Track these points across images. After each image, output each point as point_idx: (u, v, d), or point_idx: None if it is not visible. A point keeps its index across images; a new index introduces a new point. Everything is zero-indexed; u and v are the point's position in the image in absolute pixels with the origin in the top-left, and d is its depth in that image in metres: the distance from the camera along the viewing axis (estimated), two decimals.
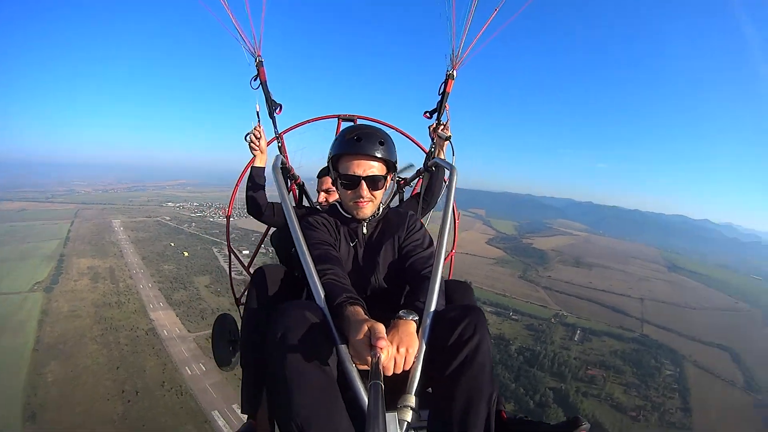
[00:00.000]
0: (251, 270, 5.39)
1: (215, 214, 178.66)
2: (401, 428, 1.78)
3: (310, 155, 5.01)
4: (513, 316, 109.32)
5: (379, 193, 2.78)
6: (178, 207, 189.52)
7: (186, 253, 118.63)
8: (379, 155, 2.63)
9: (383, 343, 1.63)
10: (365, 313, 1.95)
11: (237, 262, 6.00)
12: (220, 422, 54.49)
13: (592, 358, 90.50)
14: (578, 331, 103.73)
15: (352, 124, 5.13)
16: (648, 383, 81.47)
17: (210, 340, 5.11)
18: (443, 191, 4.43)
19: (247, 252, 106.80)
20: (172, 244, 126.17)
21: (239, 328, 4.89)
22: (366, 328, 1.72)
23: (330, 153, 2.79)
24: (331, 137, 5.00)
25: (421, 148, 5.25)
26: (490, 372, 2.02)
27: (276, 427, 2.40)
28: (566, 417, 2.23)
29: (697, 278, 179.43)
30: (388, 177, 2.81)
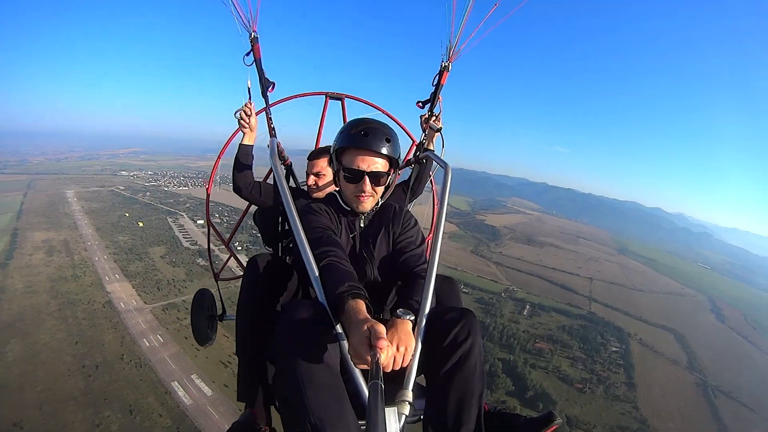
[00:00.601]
0: (246, 258, 5.02)
1: (170, 183, 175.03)
2: (400, 421, 1.95)
3: (290, 131, 4.97)
4: (464, 290, 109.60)
5: (380, 189, 2.82)
6: (132, 176, 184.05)
7: (141, 224, 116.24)
8: (384, 152, 2.65)
9: (383, 344, 1.67)
10: (366, 308, 1.99)
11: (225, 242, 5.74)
12: (180, 393, 54.97)
13: (540, 332, 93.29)
14: (527, 306, 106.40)
15: (342, 102, 5.36)
16: (594, 358, 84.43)
17: (189, 316, 5.02)
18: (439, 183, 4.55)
19: (202, 222, 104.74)
20: (127, 215, 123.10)
21: (216, 304, 5.22)
22: (366, 328, 1.77)
23: (334, 144, 2.80)
24: (317, 114, 5.18)
25: (409, 135, 5.27)
26: (481, 372, 2.18)
27: (271, 414, 2.69)
28: (542, 412, 2.40)
29: (647, 262, 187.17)
30: (391, 173, 2.85)
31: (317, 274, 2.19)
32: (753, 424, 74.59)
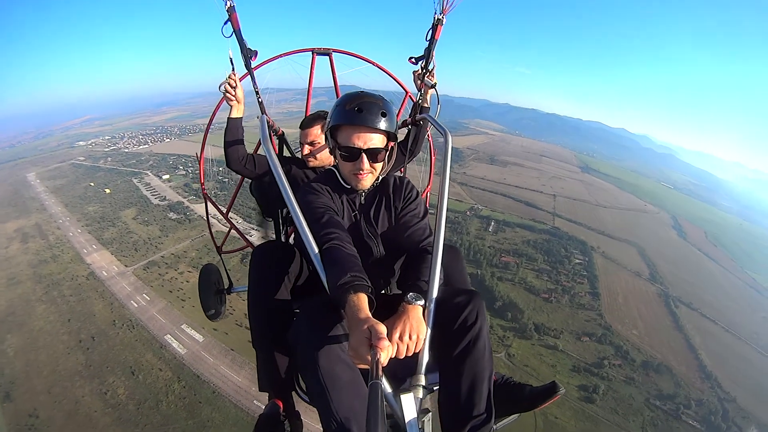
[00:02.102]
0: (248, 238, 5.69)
1: (129, 144, 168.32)
2: (416, 405, 2.04)
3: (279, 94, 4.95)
4: (430, 211, 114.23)
5: (379, 165, 2.72)
6: (90, 145, 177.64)
7: (108, 190, 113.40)
8: (380, 127, 2.55)
9: (383, 344, 1.63)
10: (369, 301, 1.95)
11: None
12: (174, 344, 57.52)
13: (505, 247, 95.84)
14: (492, 223, 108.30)
15: (328, 54, 5.19)
16: (558, 270, 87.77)
17: (198, 291, 5.13)
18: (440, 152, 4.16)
19: (167, 177, 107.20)
20: (92, 184, 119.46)
21: (223, 276, 5.37)
22: (366, 328, 1.72)
23: (328, 122, 2.69)
24: (305, 72, 5.06)
25: (402, 87, 5.31)
26: (490, 353, 2.23)
27: (293, 400, 2.74)
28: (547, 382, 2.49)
29: (610, 180, 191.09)
30: (389, 147, 2.74)
31: (320, 259, 2.21)
32: (713, 336, 77.15)
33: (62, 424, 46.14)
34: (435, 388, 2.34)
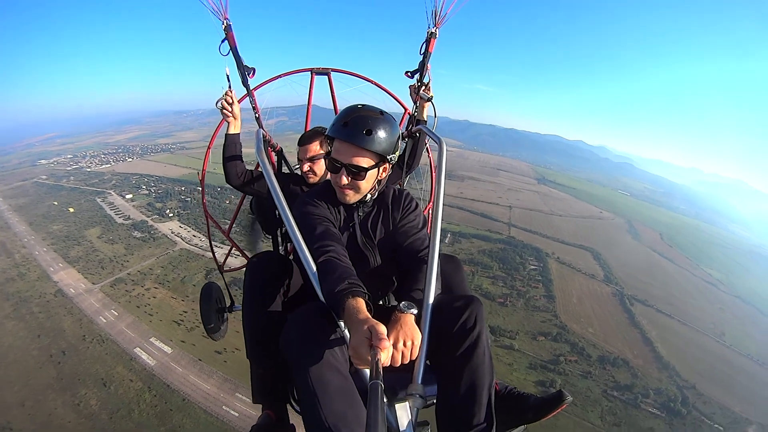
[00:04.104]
0: (249, 254, 5.51)
1: (91, 163, 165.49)
2: (412, 415, 2.05)
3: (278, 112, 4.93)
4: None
5: (363, 183, 2.56)
6: (52, 163, 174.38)
7: (71, 209, 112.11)
8: (364, 145, 2.39)
9: (384, 344, 1.63)
10: (366, 306, 1.92)
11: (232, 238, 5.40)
12: (144, 356, 58.78)
13: (461, 257, 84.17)
14: (449, 235, 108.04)
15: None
16: (513, 276, 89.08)
17: (199, 309, 5.10)
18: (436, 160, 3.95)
19: (130, 196, 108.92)
20: (56, 203, 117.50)
21: (223, 294, 5.25)
22: (366, 328, 1.71)
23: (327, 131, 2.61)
24: (304, 92, 5.19)
25: (401, 104, 5.24)
26: (490, 361, 2.18)
27: (288, 412, 2.72)
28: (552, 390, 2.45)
29: (566, 190, 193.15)
30: (380, 168, 2.58)
31: (315, 271, 2.19)
32: (669, 330, 79.51)
33: None
34: (433, 402, 2.30)
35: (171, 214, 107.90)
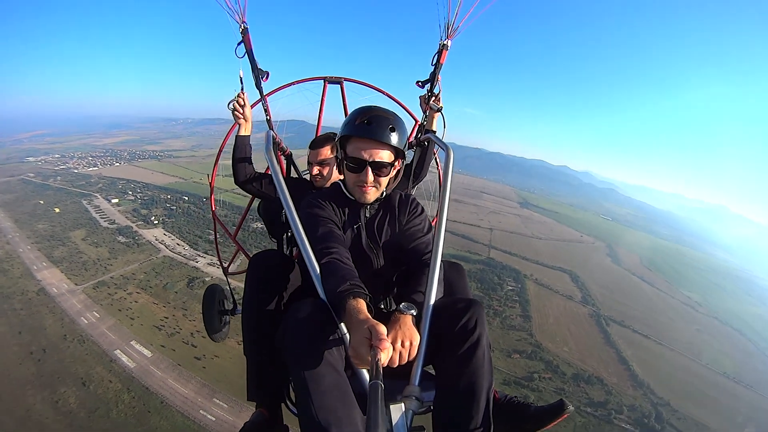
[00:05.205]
0: (252, 250, 5.55)
1: (78, 164, 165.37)
2: (408, 417, 2.00)
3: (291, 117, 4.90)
4: None
5: (384, 180, 2.69)
6: (40, 162, 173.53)
7: (57, 209, 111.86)
8: (388, 141, 2.53)
9: (384, 344, 1.64)
10: (367, 307, 1.94)
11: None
12: (124, 359, 59.33)
13: None
14: None
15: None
16: (491, 296, 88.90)
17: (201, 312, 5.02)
18: (442, 167, 4.50)
19: (116, 201, 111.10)
20: (42, 202, 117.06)
21: (227, 297, 5.21)
22: (366, 328, 1.73)
23: (339, 134, 2.71)
24: (316, 100, 5.25)
25: (411, 115, 5.22)
26: (489, 364, 2.15)
27: (282, 412, 2.69)
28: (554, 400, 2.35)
29: (548, 214, 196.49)
30: (396, 163, 2.72)
31: (318, 272, 2.21)
32: (645, 349, 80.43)
33: (13, 429, 47.26)
34: (429, 407, 2.28)
35: (156, 222, 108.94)
